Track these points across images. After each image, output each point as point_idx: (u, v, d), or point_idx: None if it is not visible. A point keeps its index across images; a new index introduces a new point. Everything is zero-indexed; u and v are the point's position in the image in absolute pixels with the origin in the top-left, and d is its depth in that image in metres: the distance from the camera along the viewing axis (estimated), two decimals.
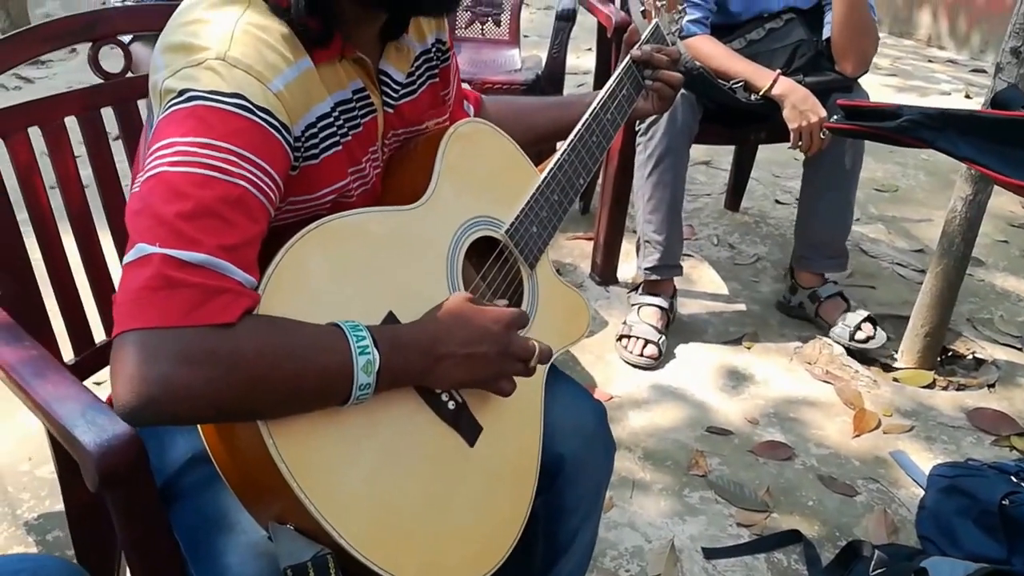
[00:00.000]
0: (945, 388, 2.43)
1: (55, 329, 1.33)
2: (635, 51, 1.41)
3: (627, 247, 2.79)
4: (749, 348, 2.54)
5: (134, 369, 0.82)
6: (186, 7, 1.02)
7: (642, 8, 1.52)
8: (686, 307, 2.69)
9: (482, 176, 1.19)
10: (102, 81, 1.36)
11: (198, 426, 1.00)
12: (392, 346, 0.97)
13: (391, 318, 1.02)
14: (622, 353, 2.46)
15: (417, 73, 1.20)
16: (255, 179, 0.93)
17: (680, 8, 1.59)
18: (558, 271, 2.74)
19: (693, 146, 2.45)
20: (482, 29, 3.28)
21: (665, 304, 2.52)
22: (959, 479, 1.87)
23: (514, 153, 1.26)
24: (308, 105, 1.01)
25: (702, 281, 2.85)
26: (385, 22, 1.12)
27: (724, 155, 3.33)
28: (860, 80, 2.45)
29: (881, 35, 5.72)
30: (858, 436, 2.23)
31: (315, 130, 1.03)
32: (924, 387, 2.42)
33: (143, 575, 1.04)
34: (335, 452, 0.96)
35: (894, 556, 1.75)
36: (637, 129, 2.44)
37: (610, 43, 2.78)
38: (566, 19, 2.88)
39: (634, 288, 2.67)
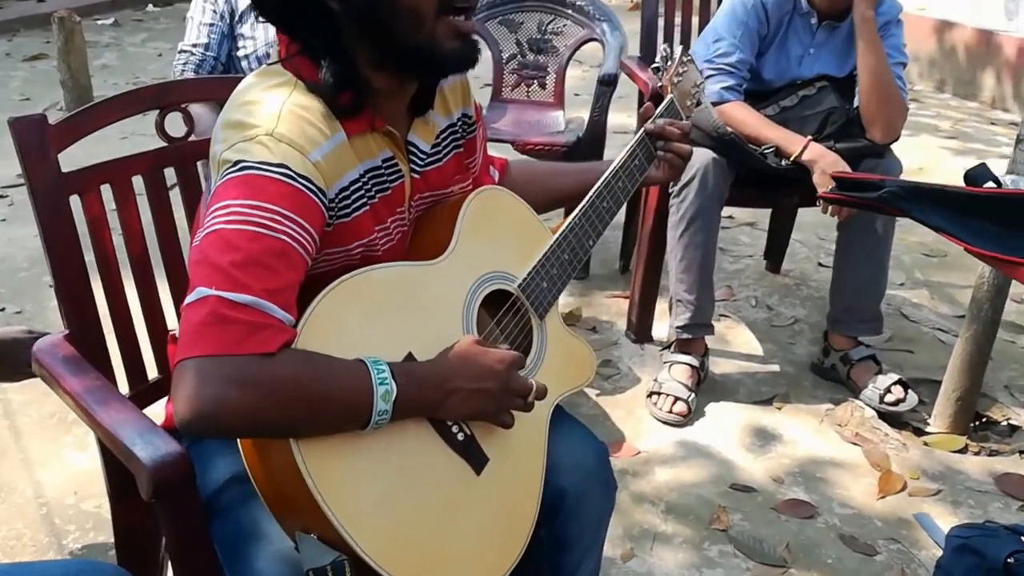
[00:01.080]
0: (977, 453, 2.55)
1: (113, 364, 1.56)
2: (649, 125, 1.62)
3: (662, 306, 2.97)
4: (780, 408, 2.69)
5: (192, 389, 1.04)
6: (244, 88, 1.26)
7: (660, 84, 1.74)
8: (719, 367, 2.86)
9: (498, 236, 1.40)
10: (166, 144, 1.61)
11: (239, 447, 1.21)
12: (408, 379, 1.17)
13: (410, 357, 1.23)
14: (652, 409, 2.63)
15: (443, 144, 1.42)
16: (295, 234, 1.15)
17: (698, 84, 1.80)
18: (593, 328, 2.93)
19: (737, 208, 2.63)
20: (527, 91, 3.53)
21: (696, 363, 2.69)
22: (972, 539, 1.99)
23: (529, 217, 1.47)
24: (341, 172, 1.23)
25: (737, 342, 3.02)
26: (413, 98, 1.34)
27: (767, 217, 3.51)
28: (898, 144, 2.62)
29: (944, 96, 5.89)
30: (883, 497, 2.37)
31: (347, 193, 1.25)
32: (955, 451, 2.54)
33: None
34: (355, 471, 1.16)
35: None
36: (671, 191, 2.64)
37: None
38: (607, 84, 3.11)
39: (667, 346, 2.84)
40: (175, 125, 1.61)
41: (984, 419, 2.68)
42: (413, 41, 1.22)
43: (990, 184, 1.43)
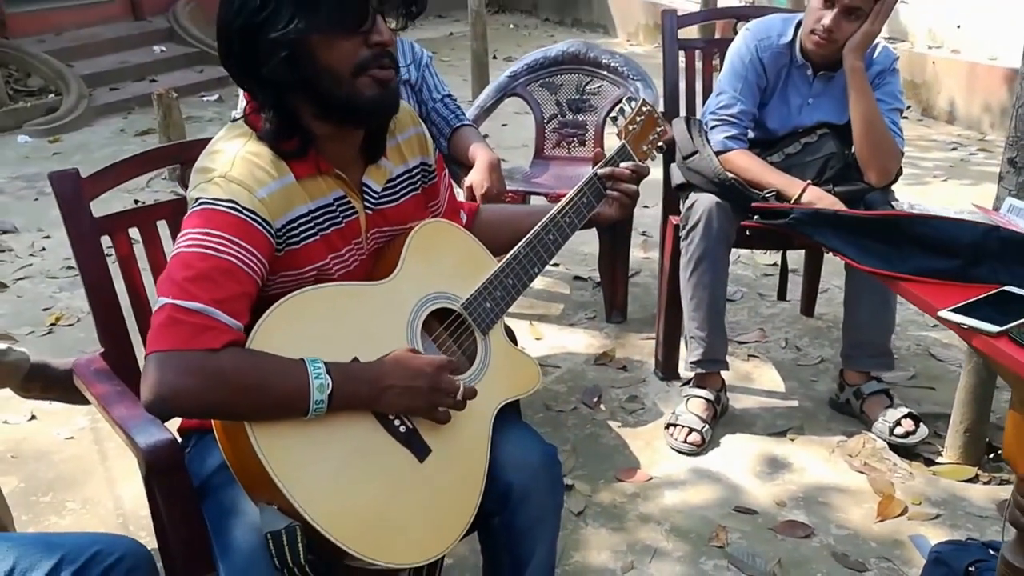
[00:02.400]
0: (987, 483, 2.63)
1: None
2: (598, 168, 1.85)
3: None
4: (793, 440, 2.83)
5: (152, 378, 1.34)
6: (213, 140, 1.58)
7: (617, 131, 1.96)
8: (740, 402, 3.01)
9: (442, 262, 1.66)
10: (185, 194, 1.92)
11: (215, 432, 1.48)
12: (344, 377, 1.43)
13: (355, 362, 1.48)
14: (668, 440, 2.80)
15: (399, 186, 1.69)
16: (241, 256, 1.44)
17: (657, 131, 2.01)
18: (624, 367, 3.11)
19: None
20: (568, 148, 3.79)
21: (711, 397, 2.86)
22: (944, 552, 2.10)
23: (474, 246, 1.72)
24: (288, 208, 1.52)
25: (762, 379, 3.16)
26: (366, 147, 1.62)
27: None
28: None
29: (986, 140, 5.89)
30: (881, 521, 2.48)
31: (294, 225, 1.53)
32: (965, 480, 2.63)
33: (179, 546, 1.51)
34: (304, 452, 1.42)
35: None
36: (681, 235, 2.84)
37: (669, 158, 3.19)
38: None
39: (686, 382, 3.02)
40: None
41: (999, 451, 2.75)
42: (336, 94, 1.50)
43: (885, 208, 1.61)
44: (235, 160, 1.50)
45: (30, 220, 4.68)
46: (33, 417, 3.06)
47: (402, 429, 1.51)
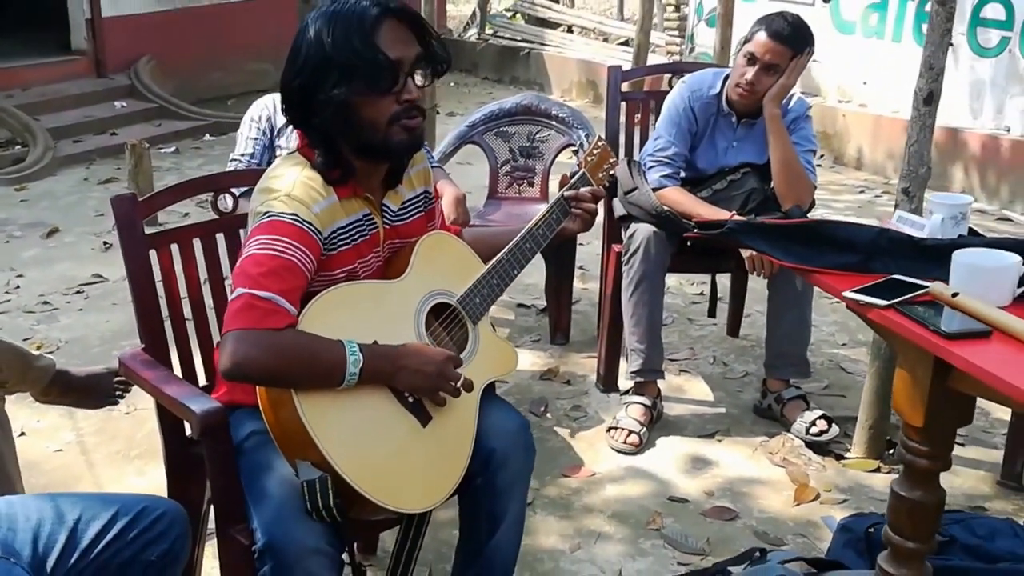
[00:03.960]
0: (888, 472, 3.05)
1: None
2: (565, 191, 2.24)
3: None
4: (720, 441, 3.22)
5: (230, 349, 1.68)
6: (273, 167, 1.93)
7: (577, 162, 2.36)
8: (674, 410, 3.40)
9: (443, 265, 2.01)
10: (218, 216, 2.26)
11: (259, 409, 1.81)
12: (372, 355, 1.77)
13: (375, 344, 1.84)
14: (609, 441, 3.17)
15: (409, 208, 2.05)
16: (299, 257, 1.78)
17: (610, 163, 2.41)
18: (568, 381, 3.48)
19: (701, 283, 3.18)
20: (519, 190, 4.19)
21: (649, 403, 3.24)
22: (849, 522, 2.51)
23: (467, 253, 2.08)
24: (332, 221, 1.87)
25: (693, 390, 3.56)
26: (386, 177, 1.99)
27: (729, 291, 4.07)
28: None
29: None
30: (797, 505, 2.87)
31: (336, 235, 1.88)
32: (871, 472, 3.05)
33: (220, 496, 1.84)
34: (336, 417, 1.75)
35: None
36: (623, 260, 3.24)
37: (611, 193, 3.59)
38: (582, 179, 3.75)
39: (625, 392, 3.40)
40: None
41: (898, 445, 3.18)
42: (373, 139, 1.87)
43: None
44: (295, 183, 1.85)
45: (3, 261, 4.88)
46: (23, 433, 3.28)
47: (410, 400, 1.85)
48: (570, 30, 10.32)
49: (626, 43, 9.36)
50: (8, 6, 8.86)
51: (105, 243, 5.11)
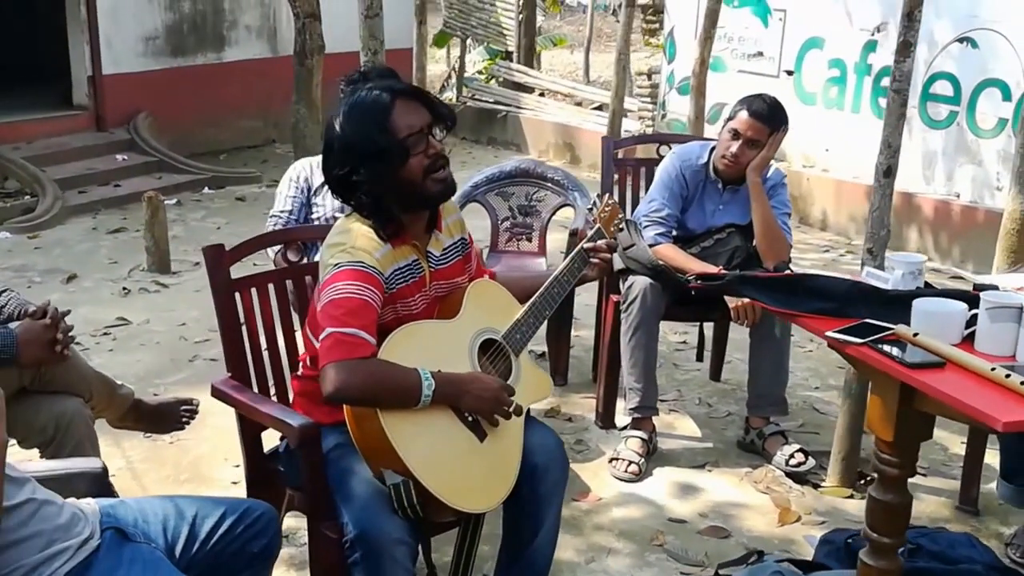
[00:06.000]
0: (860, 499, 3.45)
1: None
2: (584, 243, 2.64)
3: (622, 403, 3.91)
4: (710, 471, 3.60)
5: (330, 378, 2.04)
6: (337, 225, 2.31)
7: (592, 218, 2.77)
8: (666, 444, 3.78)
9: (488, 307, 2.40)
10: (287, 266, 2.64)
11: (345, 424, 2.17)
12: (441, 381, 2.14)
13: (439, 372, 2.21)
14: (612, 470, 3.54)
15: (449, 254, 2.43)
16: (371, 296, 2.15)
17: (620, 218, 2.81)
18: (569, 419, 3.85)
19: (688, 333, 3.57)
20: (518, 244, 4.59)
21: (646, 437, 3.62)
22: (830, 536, 2.90)
23: (508, 296, 2.47)
24: (388, 266, 2.24)
25: (682, 428, 3.95)
26: (427, 225, 2.37)
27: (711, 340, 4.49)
28: None
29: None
30: (781, 526, 3.25)
31: (393, 277, 2.25)
32: (844, 498, 3.45)
33: (313, 497, 2.19)
34: (411, 430, 2.11)
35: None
36: (621, 309, 3.65)
37: None
38: (576, 235, 4.16)
39: (623, 427, 3.79)
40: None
41: (868, 478, 3.58)
42: (414, 194, 2.26)
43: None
44: (358, 236, 2.24)
45: None
46: None
47: (470, 419, 2.22)
48: (542, 94, 10.81)
49: (599, 108, 9.88)
50: (11, 63, 9.23)
51: (124, 288, 5.44)
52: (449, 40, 12.42)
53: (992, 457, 3.37)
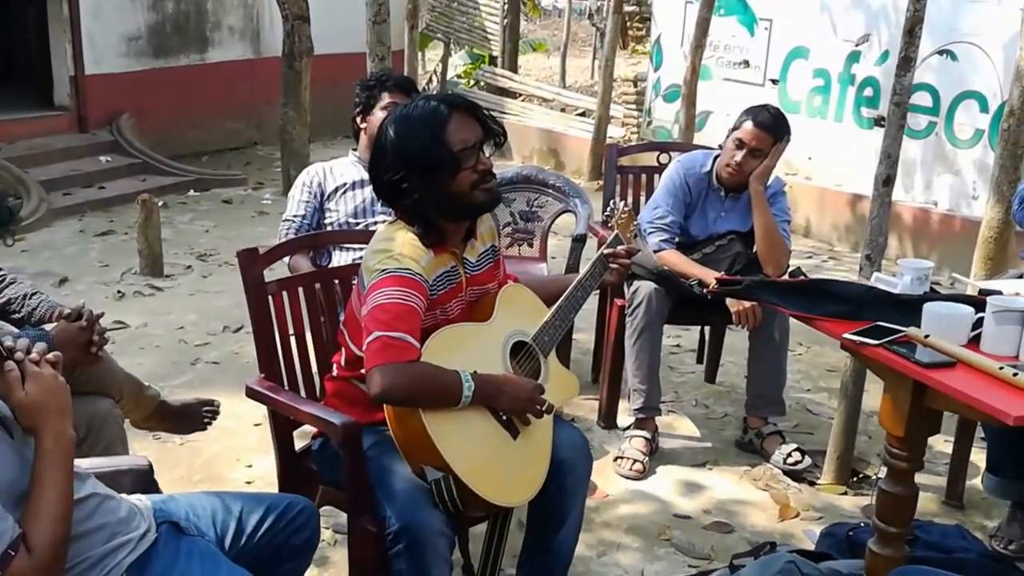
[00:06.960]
0: (854, 496, 3.60)
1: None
2: (605, 249, 2.77)
3: (623, 404, 4.04)
4: (711, 469, 3.74)
5: (378, 379, 2.15)
6: (382, 230, 2.41)
7: (610, 225, 2.89)
8: (667, 443, 3.92)
9: (518, 310, 2.52)
10: (315, 269, 2.74)
11: (386, 422, 2.27)
12: (480, 382, 2.25)
13: (476, 373, 2.32)
14: (617, 469, 3.67)
15: (482, 261, 2.55)
16: (416, 302, 2.26)
17: (633, 226, 2.94)
18: (573, 420, 3.97)
19: (683, 337, 3.72)
20: (519, 250, 4.71)
21: (649, 436, 3.75)
22: (831, 528, 3.04)
23: (536, 300, 2.59)
24: (432, 272, 2.35)
25: (681, 428, 4.09)
26: (465, 234, 2.48)
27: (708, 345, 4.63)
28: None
29: (858, 255, 7.16)
30: (782, 521, 3.40)
31: (434, 283, 2.36)
32: (839, 495, 3.60)
33: (354, 492, 2.30)
34: (453, 429, 2.23)
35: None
36: (627, 312, 3.77)
37: None
38: (579, 241, 4.30)
39: (626, 428, 3.91)
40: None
41: (861, 475, 3.74)
42: (461, 205, 2.37)
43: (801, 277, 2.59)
44: (404, 243, 2.34)
45: None
46: None
47: (504, 418, 2.34)
48: (523, 98, 10.94)
49: (583, 114, 10.03)
50: None
51: (119, 292, 5.50)
52: (430, 42, 12.51)
53: (976, 455, 3.54)
